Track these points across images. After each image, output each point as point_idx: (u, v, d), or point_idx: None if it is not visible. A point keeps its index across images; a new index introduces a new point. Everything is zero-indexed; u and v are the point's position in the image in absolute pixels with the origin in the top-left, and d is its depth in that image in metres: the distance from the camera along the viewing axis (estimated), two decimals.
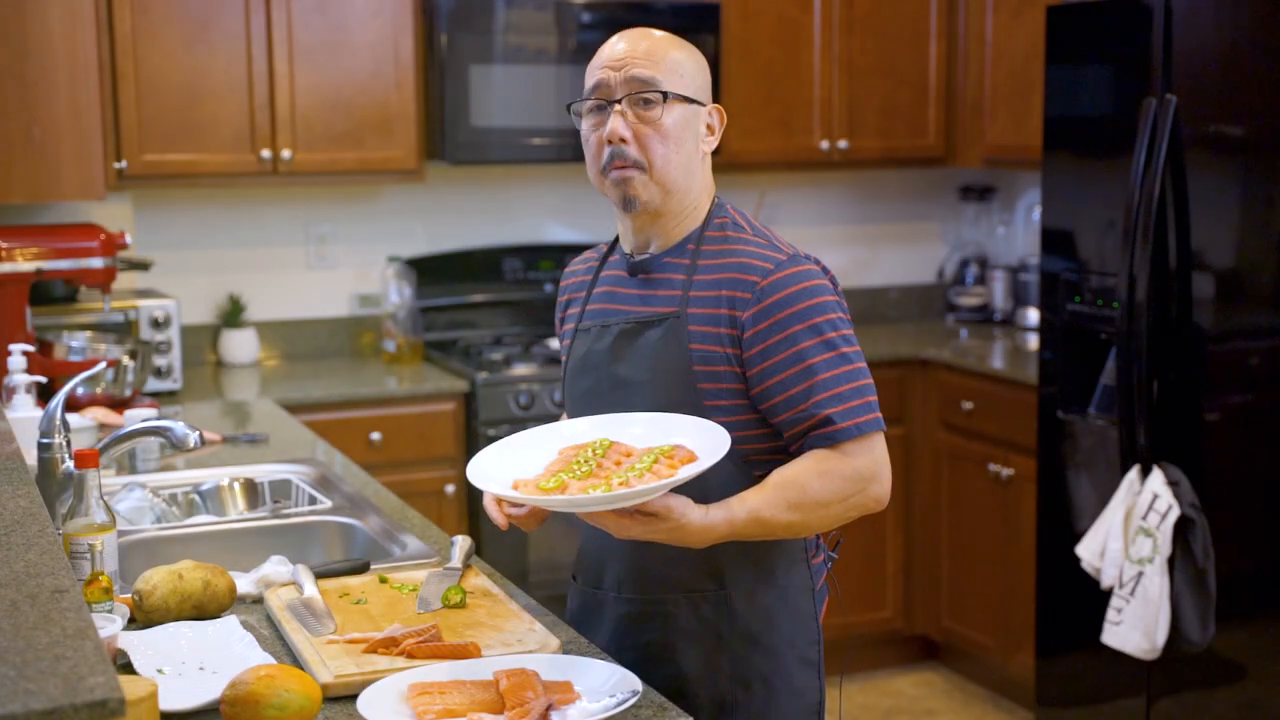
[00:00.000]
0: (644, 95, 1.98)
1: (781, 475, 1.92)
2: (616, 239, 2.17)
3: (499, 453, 1.96)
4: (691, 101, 2.01)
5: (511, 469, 1.92)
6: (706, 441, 1.88)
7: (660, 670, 2.02)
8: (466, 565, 2.25)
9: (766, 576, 2.04)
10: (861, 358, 1.97)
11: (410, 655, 1.87)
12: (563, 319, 2.22)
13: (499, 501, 2.03)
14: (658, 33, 2.05)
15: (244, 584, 2.17)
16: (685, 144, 2.01)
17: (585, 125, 2.04)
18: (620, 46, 2.02)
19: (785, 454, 1.98)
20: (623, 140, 1.98)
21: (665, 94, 1.98)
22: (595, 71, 2.02)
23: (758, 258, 1.98)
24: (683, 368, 1.97)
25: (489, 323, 4.69)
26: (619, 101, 1.99)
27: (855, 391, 1.94)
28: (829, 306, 1.96)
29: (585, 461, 1.87)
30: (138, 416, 3.12)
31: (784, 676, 2.06)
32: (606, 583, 2.11)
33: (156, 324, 3.91)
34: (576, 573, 2.21)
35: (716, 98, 2.16)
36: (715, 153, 2.10)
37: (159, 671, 1.85)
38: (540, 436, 1.99)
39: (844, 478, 1.92)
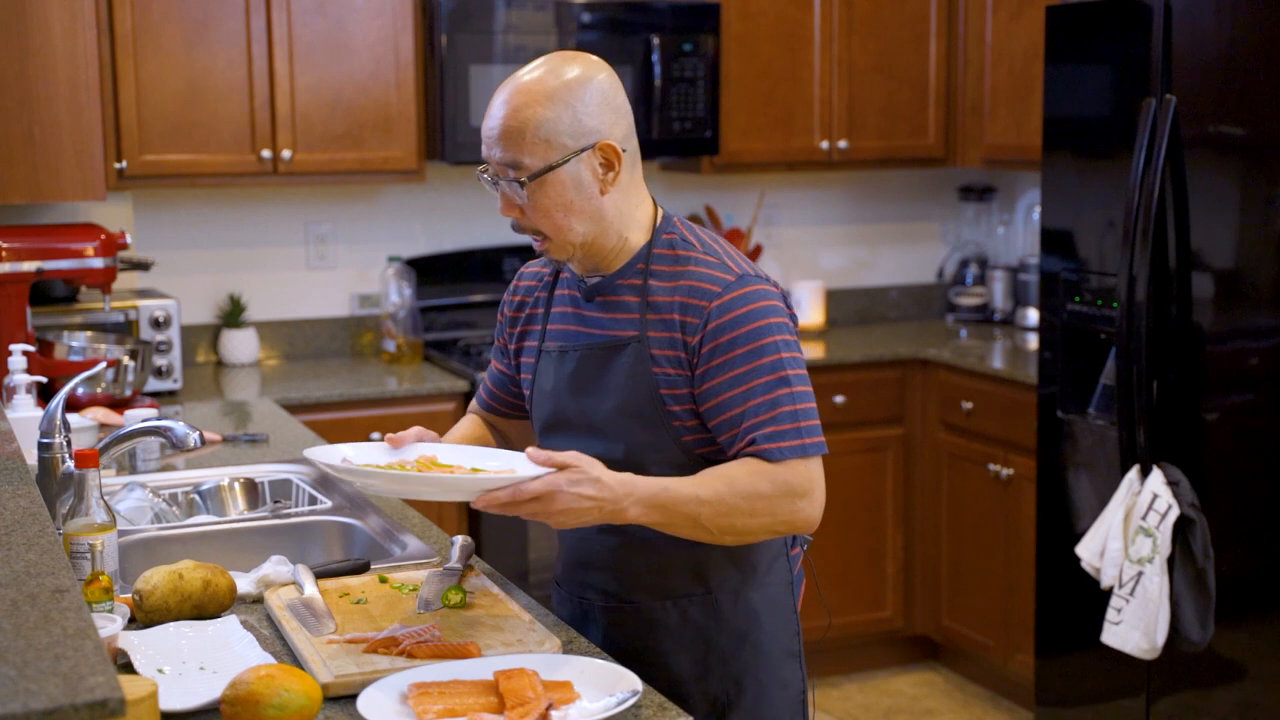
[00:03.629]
0: (513, 180, 1.95)
1: (710, 469, 1.93)
2: None
3: (336, 447, 2.04)
4: (562, 164, 1.93)
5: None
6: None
7: (653, 675, 2.02)
8: (466, 565, 2.25)
9: (750, 575, 2.06)
10: (805, 381, 1.95)
11: (410, 655, 1.87)
12: (521, 331, 2.18)
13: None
14: (526, 82, 1.95)
15: (244, 584, 2.17)
16: (574, 203, 1.95)
17: None
18: (492, 112, 1.96)
19: None
20: (516, 214, 1.97)
21: (523, 182, 1.93)
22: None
23: (707, 280, 1.96)
24: (649, 390, 1.97)
25: (489, 323, 4.68)
26: (499, 181, 1.97)
27: (789, 415, 1.92)
28: (774, 329, 1.94)
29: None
30: (138, 416, 3.12)
31: (771, 671, 2.08)
32: (591, 590, 2.12)
33: (156, 324, 3.91)
34: (560, 580, 2.21)
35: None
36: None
37: (159, 671, 1.85)
38: (376, 449, 2.06)
39: (772, 481, 1.90)
